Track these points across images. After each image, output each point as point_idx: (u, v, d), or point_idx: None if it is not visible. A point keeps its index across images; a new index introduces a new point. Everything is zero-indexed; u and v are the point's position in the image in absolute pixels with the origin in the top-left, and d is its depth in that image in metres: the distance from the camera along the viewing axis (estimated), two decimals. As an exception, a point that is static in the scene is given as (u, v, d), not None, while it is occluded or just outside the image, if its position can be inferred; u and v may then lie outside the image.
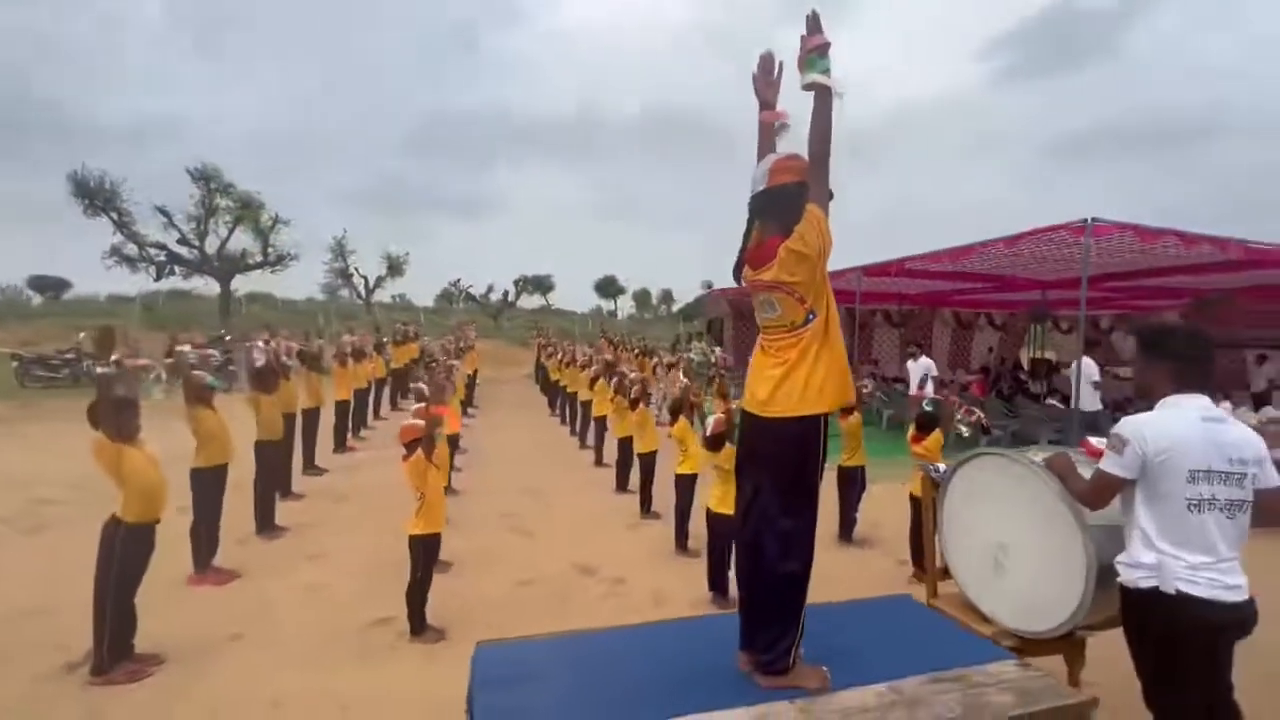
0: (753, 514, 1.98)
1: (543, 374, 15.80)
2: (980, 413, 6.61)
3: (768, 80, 2.09)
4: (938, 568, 3.25)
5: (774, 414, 1.89)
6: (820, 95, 1.88)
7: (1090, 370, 7.77)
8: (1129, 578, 2.12)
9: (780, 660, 1.89)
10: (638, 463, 6.65)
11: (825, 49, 1.90)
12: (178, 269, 22.67)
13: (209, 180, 22.00)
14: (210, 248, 22.64)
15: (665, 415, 7.32)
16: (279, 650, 3.74)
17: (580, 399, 10.33)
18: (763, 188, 1.94)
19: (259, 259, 23.64)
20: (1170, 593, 2.00)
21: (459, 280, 36.41)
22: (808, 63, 1.89)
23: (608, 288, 50.14)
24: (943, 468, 3.28)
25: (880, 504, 6.00)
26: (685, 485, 5.31)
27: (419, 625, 3.87)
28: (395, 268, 31.27)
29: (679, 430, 5.42)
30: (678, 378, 9.99)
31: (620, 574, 4.88)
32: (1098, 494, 2.19)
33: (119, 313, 23.60)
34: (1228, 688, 2.09)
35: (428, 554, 3.87)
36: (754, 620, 1.98)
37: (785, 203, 1.88)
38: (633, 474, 7.02)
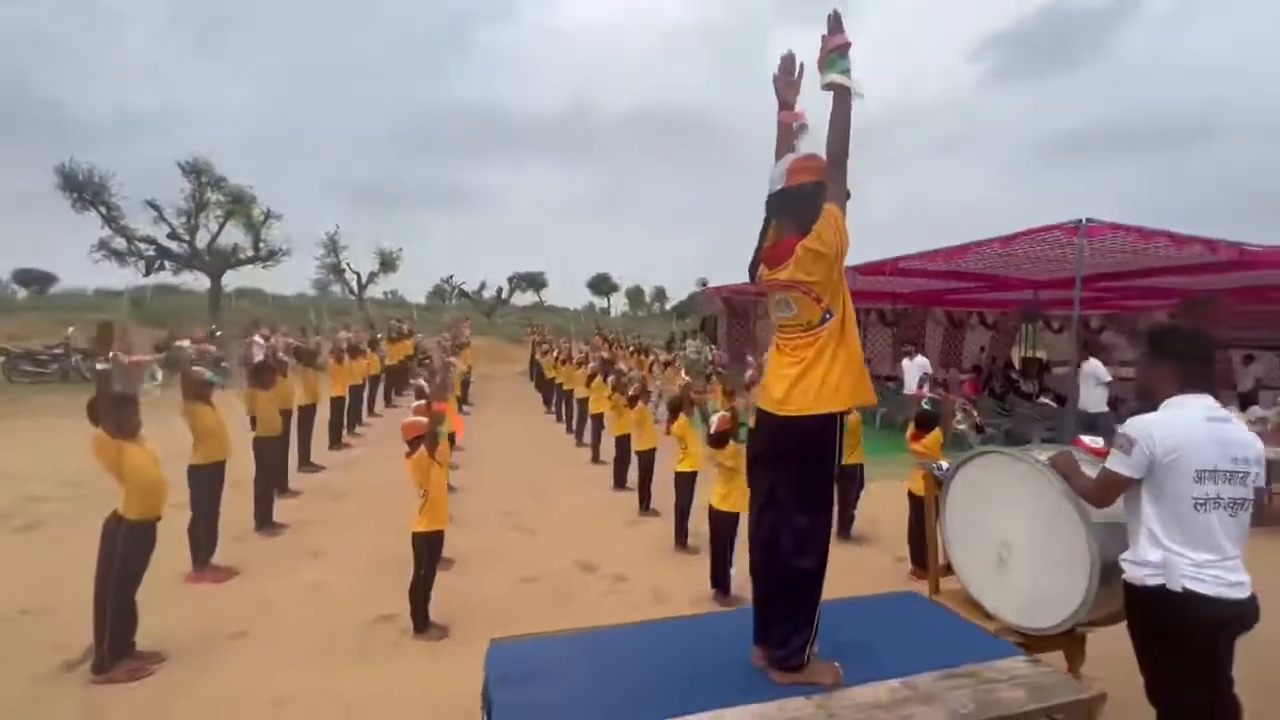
0: (768, 511, 2.00)
1: (537, 371, 15.78)
2: (974, 411, 6.69)
3: (788, 81, 2.09)
4: (939, 564, 3.29)
5: (790, 412, 1.91)
6: (839, 95, 1.90)
7: (1100, 371, 7.83)
8: (1135, 575, 2.15)
9: (795, 656, 1.91)
10: (636, 460, 6.66)
11: (845, 49, 1.91)
12: (168, 264, 22.37)
13: (200, 174, 21.73)
14: (201, 242, 22.40)
15: (663, 413, 7.34)
16: (281, 648, 3.72)
17: (577, 396, 10.34)
18: (781, 187, 1.95)
19: (250, 254, 23.39)
20: (1177, 590, 2.03)
21: (452, 277, 36.34)
22: (828, 63, 1.90)
23: (601, 285, 50.09)
24: (945, 465, 3.31)
25: (877, 501, 6.04)
26: (685, 483, 5.33)
27: (422, 623, 3.86)
28: (388, 263, 31.06)
29: (679, 428, 5.44)
30: (675, 375, 10.04)
31: (621, 571, 4.90)
32: (1104, 493, 2.22)
33: (106, 307, 23.28)
34: (1228, 682, 2.14)
35: (431, 551, 3.86)
36: (769, 617, 2.00)
37: (803, 202, 1.89)
38: (631, 471, 7.04)
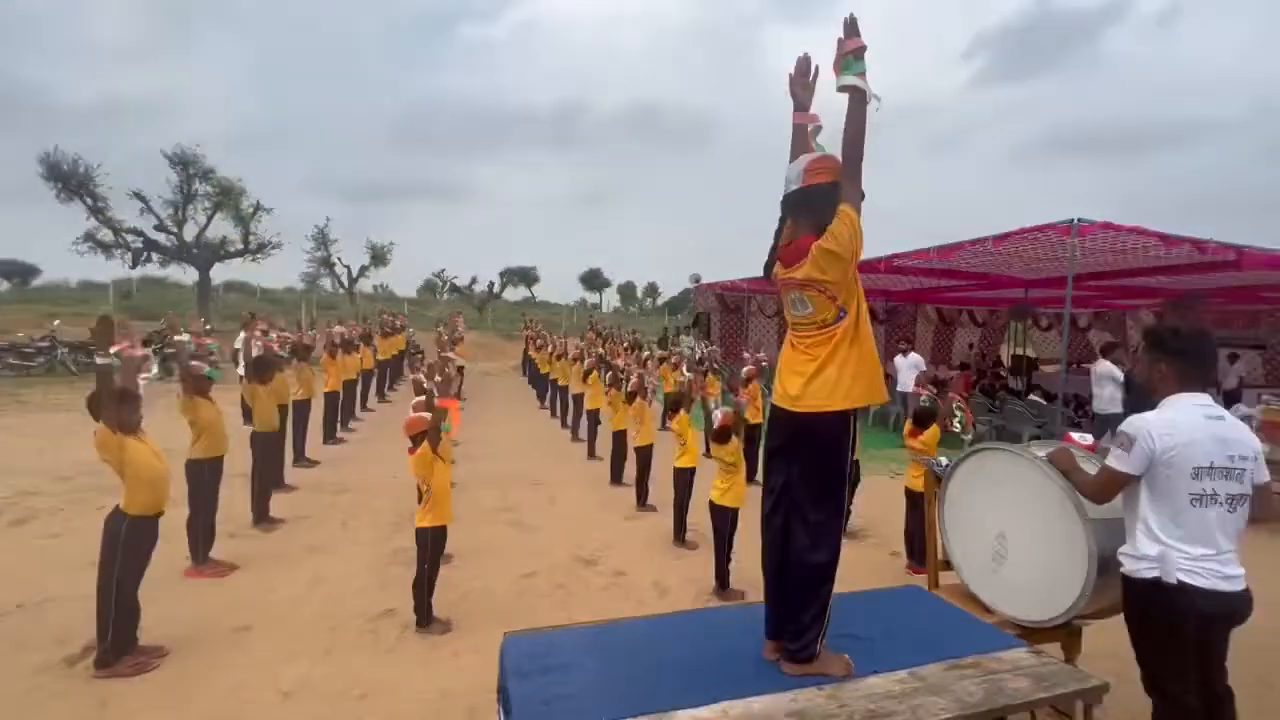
0: (781, 506, 2.04)
1: (530, 366, 15.75)
2: (967, 409, 6.77)
3: (803, 83, 2.12)
4: (937, 559, 3.36)
5: (805, 409, 1.94)
6: (855, 97, 1.92)
7: (1115, 372, 7.85)
8: (1132, 569, 2.21)
9: (807, 649, 1.96)
10: (634, 455, 6.70)
11: (861, 52, 1.93)
12: (155, 256, 22.06)
13: (187, 165, 21.43)
14: (189, 235, 22.11)
15: (658, 408, 7.38)
16: (285, 642, 3.73)
17: (572, 392, 10.36)
18: (797, 187, 1.97)
19: (239, 247, 23.12)
20: (1172, 583, 2.10)
21: (443, 271, 36.09)
22: (844, 65, 1.93)
23: (593, 280, 50.04)
24: (945, 462, 3.37)
25: (870, 497, 6.12)
26: (684, 478, 5.37)
27: (425, 617, 3.88)
28: (379, 257, 30.80)
29: (678, 424, 5.48)
30: (669, 371, 10.07)
31: (621, 566, 4.93)
32: (1104, 489, 2.28)
33: (91, 300, 22.99)
34: (1223, 673, 2.21)
35: (435, 546, 3.87)
36: (782, 610, 2.04)
37: (819, 202, 1.92)
38: (628, 466, 7.07)
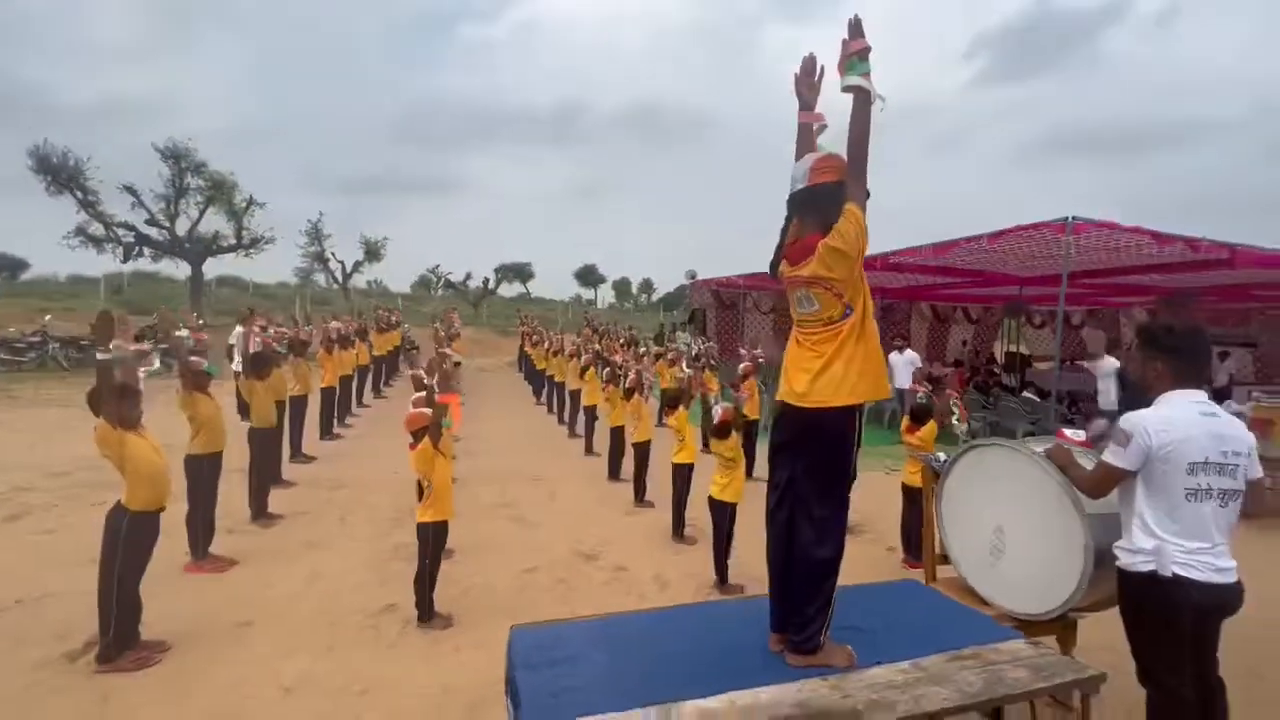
0: (786, 501, 2.07)
1: (527, 362, 15.75)
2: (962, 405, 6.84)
3: (809, 82, 2.14)
4: (935, 554, 3.40)
5: (811, 404, 1.97)
6: (859, 98, 1.94)
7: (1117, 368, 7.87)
8: (1128, 562, 2.26)
9: (811, 641, 1.99)
10: (631, 451, 6.73)
11: (866, 53, 1.95)
12: (147, 250, 21.89)
13: (179, 159, 21.24)
14: (181, 229, 21.93)
15: (653, 405, 7.42)
16: (286, 637, 3.74)
17: (569, 388, 10.37)
18: (802, 186, 2.00)
19: (233, 241, 22.96)
20: (1167, 576, 2.14)
21: (438, 267, 36.01)
22: (848, 66, 1.95)
23: (588, 276, 50.01)
24: (943, 457, 3.42)
25: (866, 493, 6.16)
26: (682, 474, 5.40)
27: (427, 612, 3.89)
28: (373, 253, 30.63)
29: (677, 420, 5.51)
30: (665, 368, 10.10)
31: (621, 561, 4.96)
32: (1100, 484, 2.33)
33: (82, 294, 22.79)
34: (1214, 663, 2.26)
35: (437, 541, 3.89)
36: (786, 604, 2.07)
37: (824, 201, 1.95)
38: (625, 462, 7.10)
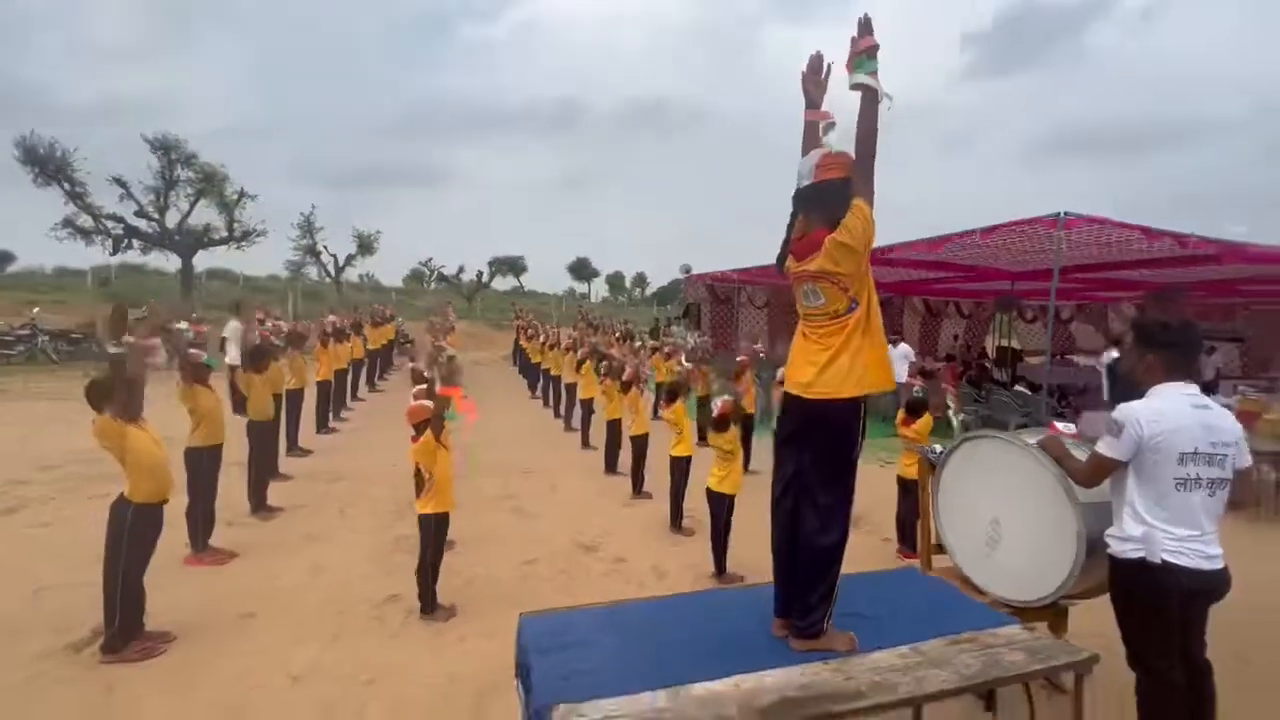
0: (791, 490, 2.12)
1: (521, 356, 15.76)
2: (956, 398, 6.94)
3: (816, 80, 2.17)
4: (930, 544, 3.47)
5: (817, 395, 2.02)
6: (867, 96, 1.98)
7: None
8: (1118, 550, 2.33)
9: (814, 626, 2.05)
10: (629, 444, 6.77)
11: (874, 51, 1.98)
12: (136, 243, 21.70)
13: (169, 151, 21.07)
14: (171, 221, 21.76)
15: (648, 398, 7.46)
16: (291, 627, 3.77)
17: (565, 382, 10.40)
18: (809, 182, 2.04)
19: (223, 234, 22.80)
20: (1156, 562, 2.21)
21: (430, 260, 35.91)
22: (856, 64, 1.98)
23: (581, 270, 49.94)
24: (939, 449, 3.48)
25: (862, 485, 6.18)
26: (680, 466, 5.46)
27: (430, 603, 3.93)
28: (366, 246, 30.48)
29: (674, 413, 5.55)
30: (659, 362, 10.15)
31: (620, 552, 5.02)
32: (1093, 474, 2.40)
33: (69, 287, 22.58)
34: (1201, 646, 2.34)
35: (439, 533, 3.93)
36: (790, 590, 2.13)
37: (831, 198, 1.99)
38: (623, 455, 7.15)
